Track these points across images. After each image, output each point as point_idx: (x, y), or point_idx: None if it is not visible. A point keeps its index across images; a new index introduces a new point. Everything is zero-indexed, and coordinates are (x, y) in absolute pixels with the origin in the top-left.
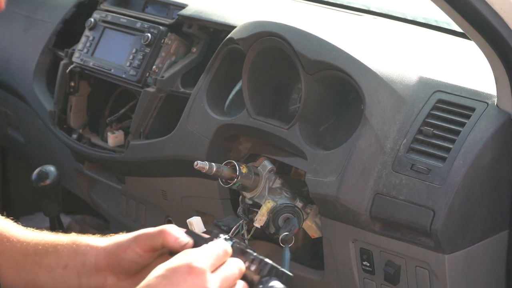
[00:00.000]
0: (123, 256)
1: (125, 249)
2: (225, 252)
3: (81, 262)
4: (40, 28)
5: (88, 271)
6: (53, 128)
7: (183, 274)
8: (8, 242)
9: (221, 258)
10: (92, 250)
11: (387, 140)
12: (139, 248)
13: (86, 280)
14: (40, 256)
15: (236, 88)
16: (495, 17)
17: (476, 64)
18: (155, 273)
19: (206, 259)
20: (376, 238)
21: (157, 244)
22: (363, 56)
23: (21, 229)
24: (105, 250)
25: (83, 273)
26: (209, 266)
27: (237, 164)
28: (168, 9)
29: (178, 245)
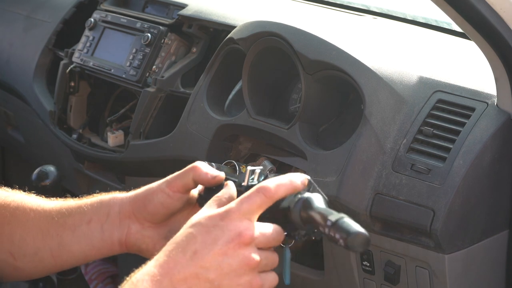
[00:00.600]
0: (151, 198)
1: (154, 191)
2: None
3: (105, 214)
4: (40, 28)
5: (112, 222)
6: (53, 128)
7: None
8: (32, 212)
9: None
10: (117, 199)
11: (387, 140)
12: (168, 188)
13: (109, 232)
14: (64, 218)
15: (236, 88)
16: (495, 17)
17: (476, 64)
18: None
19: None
20: (376, 238)
21: (188, 182)
22: (363, 56)
23: (43, 199)
24: (131, 197)
25: (106, 224)
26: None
27: (237, 164)
28: (168, 9)
29: (209, 177)
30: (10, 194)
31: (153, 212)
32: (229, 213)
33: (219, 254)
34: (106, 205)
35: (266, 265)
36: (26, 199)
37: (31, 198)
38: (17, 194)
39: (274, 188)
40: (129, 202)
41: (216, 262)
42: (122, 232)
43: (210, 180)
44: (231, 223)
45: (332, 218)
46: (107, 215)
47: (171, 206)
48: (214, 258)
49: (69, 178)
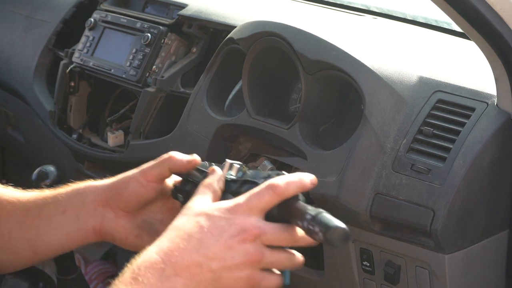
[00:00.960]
0: (126, 187)
1: (128, 180)
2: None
3: (80, 202)
4: (40, 28)
5: (87, 211)
6: (53, 128)
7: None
8: (9, 204)
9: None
10: (91, 188)
11: (387, 140)
12: (142, 177)
13: (84, 221)
14: (40, 209)
15: (236, 88)
16: (495, 17)
17: (476, 64)
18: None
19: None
20: (376, 238)
21: (163, 171)
22: (363, 56)
23: (19, 191)
24: (106, 185)
25: (81, 213)
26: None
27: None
28: (168, 9)
29: (184, 162)
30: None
31: (126, 200)
32: (237, 207)
33: (224, 246)
34: (81, 193)
35: (271, 263)
36: (2, 191)
37: (7, 190)
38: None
39: (284, 186)
40: (103, 190)
41: (221, 254)
42: (96, 220)
43: (185, 165)
44: (238, 217)
45: (312, 212)
46: (82, 203)
47: (145, 195)
48: (219, 250)
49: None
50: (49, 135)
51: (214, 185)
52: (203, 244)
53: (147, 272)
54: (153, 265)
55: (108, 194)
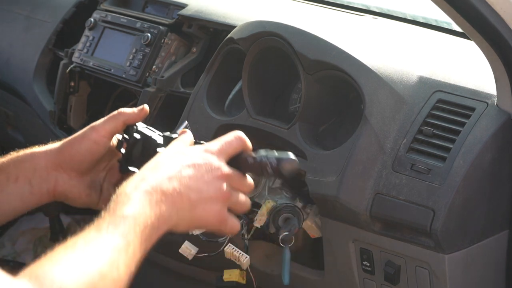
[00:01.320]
0: (78, 148)
1: (80, 140)
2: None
3: (31, 169)
4: (40, 28)
5: (40, 176)
6: (53, 128)
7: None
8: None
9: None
10: (41, 153)
11: (387, 140)
12: (95, 133)
13: (38, 186)
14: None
15: (236, 88)
16: (495, 17)
17: (476, 64)
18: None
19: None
20: (376, 238)
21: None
22: (363, 56)
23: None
24: (57, 149)
25: (34, 179)
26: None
27: None
28: (168, 9)
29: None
30: None
31: (80, 160)
32: (211, 149)
33: (201, 179)
34: (30, 160)
35: (236, 203)
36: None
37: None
38: None
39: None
40: (55, 154)
41: (197, 186)
42: (50, 184)
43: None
44: (212, 157)
45: (262, 152)
46: (34, 170)
47: (97, 152)
48: (196, 182)
49: None
50: (49, 135)
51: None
52: (184, 176)
53: (138, 195)
54: (138, 192)
55: (61, 158)
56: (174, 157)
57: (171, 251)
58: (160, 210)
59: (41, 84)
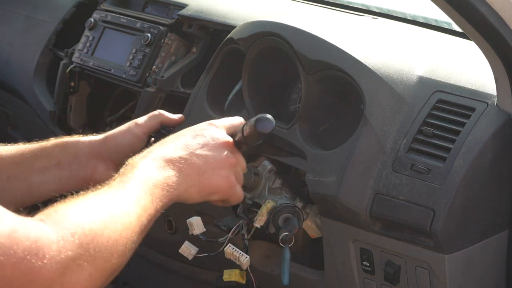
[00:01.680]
0: (122, 140)
1: (125, 133)
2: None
3: (73, 154)
4: (40, 28)
5: (80, 162)
6: (53, 128)
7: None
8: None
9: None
10: (86, 142)
11: (387, 140)
12: (138, 129)
13: (77, 170)
14: (30, 162)
15: (236, 88)
16: (495, 17)
17: (476, 64)
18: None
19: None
20: (376, 238)
21: (156, 124)
22: (363, 56)
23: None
24: (102, 139)
25: (74, 164)
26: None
27: None
28: (168, 9)
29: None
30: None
31: (121, 152)
32: (214, 122)
33: (206, 147)
34: (73, 146)
35: (237, 174)
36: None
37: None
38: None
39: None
40: (98, 143)
41: (203, 153)
42: (88, 170)
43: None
44: (216, 129)
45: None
46: (76, 155)
47: (138, 146)
48: (202, 149)
49: None
50: (49, 135)
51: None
52: (188, 145)
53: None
54: (145, 159)
55: (103, 148)
56: (180, 133)
57: (171, 251)
58: (168, 174)
59: (41, 84)
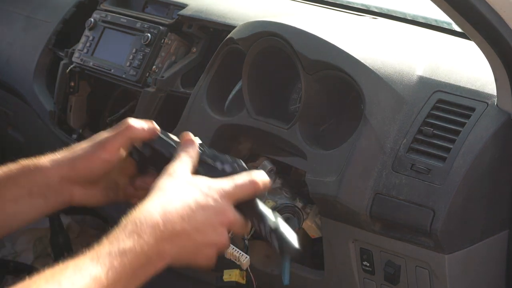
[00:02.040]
0: (91, 166)
1: (92, 158)
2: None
3: (44, 184)
4: (40, 28)
5: (54, 190)
6: (53, 128)
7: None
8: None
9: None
10: (52, 168)
11: (387, 140)
12: (105, 153)
13: (53, 198)
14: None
15: (236, 88)
16: (495, 17)
17: (476, 64)
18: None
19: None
20: (376, 238)
21: (125, 142)
22: (363, 56)
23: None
24: (66, 163)
25: (48, 193)
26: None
27: None
28: (168, 9)
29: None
30: None
31: (92, 176)
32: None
33: (210, 223)
34: (40, 173)
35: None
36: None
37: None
38: None
39: (261, 185)
40: (67, 169)
41: (205, 229)
42: (65, 196)
43: (146, 134)
44: (224, 201)
45: (271, 222)
46: (47, 185)
47: (109, 167)
48: (204, 225)
49: None
50: (49, 135)
51: (193, 155)
52: (195, 217)
53: (148, 230)
54: (154, 226)
55: (72, 173)
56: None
57: None
58: (164, 248)
59: (41, 84)
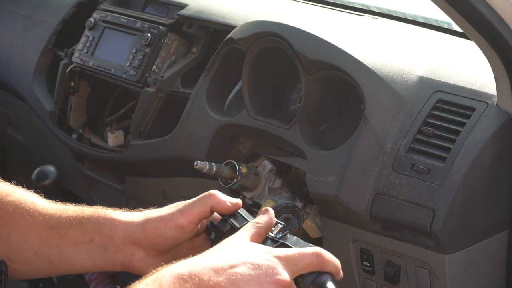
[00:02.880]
0: (163, 231)
1: (166, 223)
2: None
3: (108, 236)
4: (40, 28)
5: (115, 245)
6: (53, 128)
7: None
8: (29, 216)
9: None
10: (122, 223)
11: (387, 140)
12: (183, 218)
13: (112, 254)
14: (64, 230)
15: (236, 88)
16: (495, 17)
17: (476, 64)
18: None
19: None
20: (376, 238)
21: (205, 210)
22: (363, 56)
23: (41, 201)
24: (139, 224)
25: (109, 246)
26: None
27: (237, 164)
28: (168, 9)
29: (229, 205)
30: (8, 191)
31: (162, 243)
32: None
33: (255, 281)
34: (109, 226)
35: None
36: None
37: (28, 199)
38: (15, 191)
39: (328, 259)
40: (136, 229)
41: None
42: (125, 256)
43: (229, 208)
44: (277, 262)
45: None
46: (111, 237)
47: (182, 238)
48: (248, 283)
49: (69, 178)
50: (49, 135)
51: (261, 225)
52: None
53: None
54: (178, 276)
55: (141, 235)
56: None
57: None
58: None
59: (41, 84)
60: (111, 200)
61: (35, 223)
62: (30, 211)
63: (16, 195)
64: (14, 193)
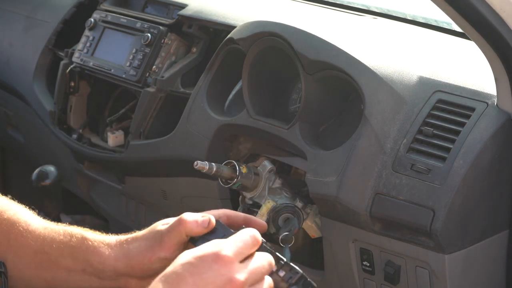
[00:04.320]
0: (149, 265)
1: (150, 257)
2: (254, 241)
3: (100, 269)
4: (40, 28)
5: (109, 276)
6: (53, 128)
7: (210, 262)
8: (23, 238)
9: (250, 248)
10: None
11: (387, 140)
12: (164, 251)
13: (108, 283)
14: (56, 256)
15: (236, 88)
16: (495, 17)
17: (476, 64)
18: (181, 260)
19: (234, 247)
20: (376, 238)
21: (181, 237)
22: (363, 56)
23: (34, 220)
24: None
25: (102, 274)
26: (237, 255)
27: (237, 164)
28: (168, 9)
29: (201, 227)
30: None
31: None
32: (222, 256)
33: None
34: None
35: None
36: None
37: (22, 219)
38: (10, 208)
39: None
40: (124, 266)
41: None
42: (120, 283)
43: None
44: (224, 267)
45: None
46: (102, 270)
47: (168, 263)
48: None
49: (69, 178)
50: (49, 135)
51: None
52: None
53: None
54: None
55: (129, 270)
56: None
57: None
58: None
59: (41, 84)
60: (111, 200)
61: (28, 246)
62: (24, 232)
63: (10, 212)
64: (9, 210)
